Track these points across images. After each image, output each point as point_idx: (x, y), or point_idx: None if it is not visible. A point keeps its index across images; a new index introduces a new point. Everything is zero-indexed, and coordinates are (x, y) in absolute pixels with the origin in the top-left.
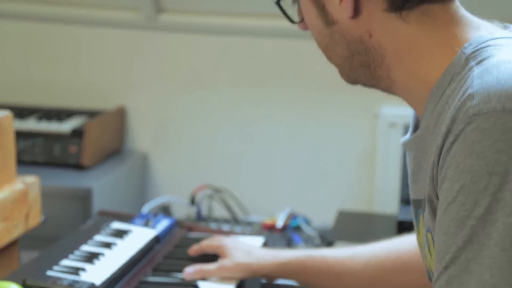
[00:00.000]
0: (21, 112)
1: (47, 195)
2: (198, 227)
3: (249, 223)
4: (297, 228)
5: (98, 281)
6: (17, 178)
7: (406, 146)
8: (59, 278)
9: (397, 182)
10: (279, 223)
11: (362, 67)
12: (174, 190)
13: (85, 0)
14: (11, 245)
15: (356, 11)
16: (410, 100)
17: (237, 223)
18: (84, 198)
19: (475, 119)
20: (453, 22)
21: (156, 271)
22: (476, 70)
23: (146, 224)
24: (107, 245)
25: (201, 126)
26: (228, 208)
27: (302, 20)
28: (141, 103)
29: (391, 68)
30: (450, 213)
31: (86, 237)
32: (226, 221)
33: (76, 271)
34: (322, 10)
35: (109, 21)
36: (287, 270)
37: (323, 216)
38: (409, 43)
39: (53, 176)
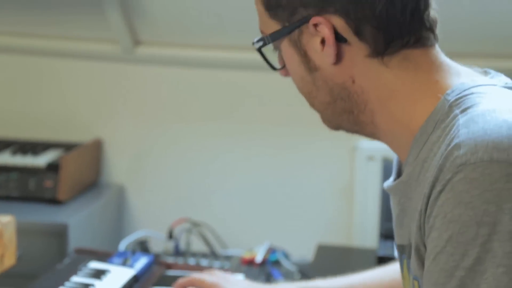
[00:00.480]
0: None
1: (22, 231)
2: (177, 264)
3: (228, 258)
4: (276, 263)
5: None
6: None
7: (390, 191)
8: None
9: (376, 215)
10: (258, 258)
11: (345, 113)
12: (151, 224)
13: (62, 32)
14: None
15: (338, 57)
16: (393, 145)
17: (216, 257)
18: (59, 233)
19: (462, 169)
20: (434, 68)
21: None
22: (462, 119)
23: (124, 263)
24: (85, 287)
25: (178, 159)
26: (207, 242)
27: (283, 67)
28: (118, 135)
29: (375, 113)
30: (439, 263)
31: (63, 278)
32: (204, 255)
33: None
34: (304, 56)
35: (86, 53)
36: None
37: (302, 250)
38: (391, 88)
39: (28, 211)
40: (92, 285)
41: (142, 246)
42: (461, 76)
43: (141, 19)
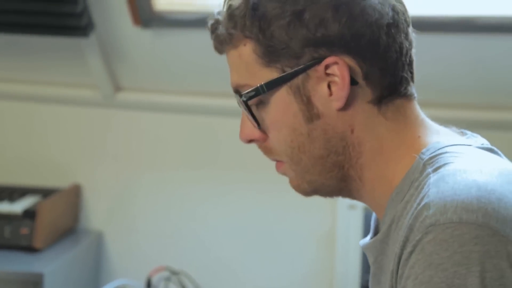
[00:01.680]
0: None
1: None
2: None
3: None
4: None
5: None
6: None
7: (366, 249)
8: None
9: (358, 265)
10: None
11: (335, 168)
12: (129, 272)
13: (43, 77)
14: None
15: (346, 102)
16: (373, 203)
17: None
18: (35, 283)
19: (432, 229)
20: (418, 122)
21: None
22: (432, 178)
23: None
24: None
25: (158, 205)
26: None
27: (259, 126)
28: (97, 181)
29: (364, 168)
30: None
31: None
32: None
33: None
34: (307, 103)
35: (66, 98)
36: None
37: None
38: (383, 141)
39: (3, 260)
40: None
41: None
42: (440, 134)
43: (121, 65)
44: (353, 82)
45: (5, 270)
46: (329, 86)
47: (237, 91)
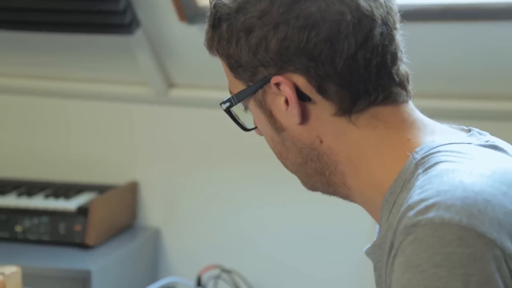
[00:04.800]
0: (30, 189)
1: (46, 277)
2: None
3: None
4: None
5: None
6: None
7: (367, 255)
8: None
9: None
10: None
11: (317, 174)
12: (182, 270)
13: (94, 75)
14: None
15: (304, 117)
16: (368, 208)
17: None
18: (83, 280)
19: (412, 230)
20: (406, 126)
21: None
22: (420, 179)
23: None
24: None
25: (212, 202)
26: None
27: (256, 127)
28: (153, 178)
29: (346, 175)
30: None
31: None
32: None
33: None
34: (270, 116)
35: (118, 96)
36: None
37: None
38: (361, 148)
39: (56, 256)
40: None
41: None
42: (435, 134)
43: (172, 61)
44: (305, 98)
45: (55, 267)
46: (287, 102)
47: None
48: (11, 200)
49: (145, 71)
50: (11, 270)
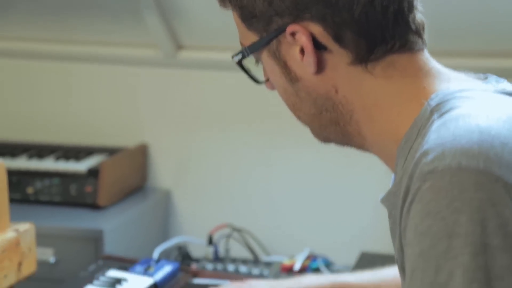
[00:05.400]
0: (40, 151)
1: (59, 236)
2: (204, 272)
3: (268, 264)
4: (317, 270)
5: None
6: (10, 226)
7: (383, 203)
8: None
9: None
10: (297, 266)
11: (332, 124)
12: (193, 230)
13: (102, 38)
14: None
15: (320, 66)
16: (383, 156)
17: (256, 264)
18: (95, 239)
19: (430, 177)
20: (421, 74)
21: None
22: (435, 124)
23: (146, 271)
24: None
25: (222, 163)
26: (248, 247)
27: (268, 80)
28: (163, 140)
29: (361, 124)
30: (415, 281)
31: (77, 287)
32: (244, 262)
33: None
34: (285, 67)
35: (127, 59)
36: None
37: (346, 258)
38: (377, 97)
39: (68, 216)
40: None
41: (181, 252)
42: (450, 81)
43: (180, 23)
44: (321, 47)
45: (68, 227)
46: (302, 51)
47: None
48: (22, 163)
49: (153, 33)
50: (25, 227)
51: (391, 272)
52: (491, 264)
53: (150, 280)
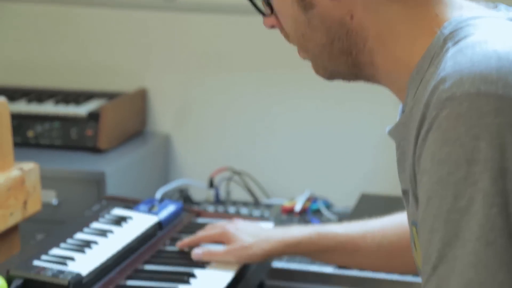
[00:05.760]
0: (40, 96)
1: (62, 179)
2: (206, 212)
3: (269, 206)
4: (317, 212)
5: (85, 271)
6: (14, 165)
7: (390, 134)
8: (43, 268)
9: None
10: (297, 207)
11: (343, 54)
12: (194, 173)
13: None
14: (11, 232)
15: None
16: (393, 87)
17: (256, 206)
18: (97, 181)
19: (448, 104)
20: (434, 1)
21: (154, 258)
22: (451, 51)
23: (150, 210)
24: (103, 233)
25: (222, 108)
26: (249, 190)
27: (271, 13)
28: (163, 85)
29: (374, 53)
30: (432, 209)
31: (82, 225)
32: (244, 204)
33: (63, 260)
34: None
35: (128, 3)
36: (298, 251)
37: (346, 200)
38: (391, 24)
39: (69, 159)
40: (111, 231)
41: (182, 195)
42: (462, 9)
43: None
44: None
45: (70, 169)
46: None
47: None
48: (22, 106)
49: None
50: (29, 166)
51: (377, 223)
52: (510, 188)
53: (154, 218)
